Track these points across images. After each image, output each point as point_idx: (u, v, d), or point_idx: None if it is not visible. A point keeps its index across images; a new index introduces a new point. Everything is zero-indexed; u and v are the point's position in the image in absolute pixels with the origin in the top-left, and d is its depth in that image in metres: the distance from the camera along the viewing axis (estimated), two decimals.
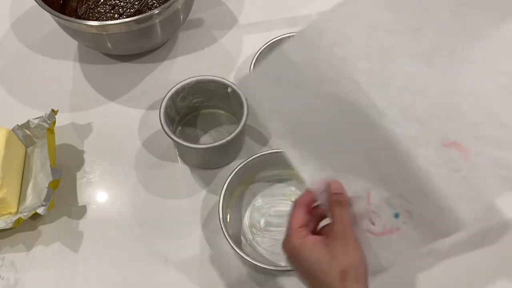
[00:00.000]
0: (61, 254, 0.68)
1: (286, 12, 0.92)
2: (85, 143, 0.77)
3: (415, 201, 0.46)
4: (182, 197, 0.72)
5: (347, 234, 0.47)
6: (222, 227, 0.62)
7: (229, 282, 0.65)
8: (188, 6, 0.83)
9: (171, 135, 0.67)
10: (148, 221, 0.70)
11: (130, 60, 0.87)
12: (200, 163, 0.74)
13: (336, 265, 0.45)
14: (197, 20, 0.92)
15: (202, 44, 0.89)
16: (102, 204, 0.72)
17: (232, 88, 0.71)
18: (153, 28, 0.77)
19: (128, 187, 0.73)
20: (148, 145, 0.77)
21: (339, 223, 0.47)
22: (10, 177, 0.68)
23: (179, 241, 0.68)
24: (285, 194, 0.71)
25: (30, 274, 0.66)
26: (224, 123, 0.78)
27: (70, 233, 0.69)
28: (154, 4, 0.84)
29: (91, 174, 0.74)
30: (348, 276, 0.44)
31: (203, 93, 0.75)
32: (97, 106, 0.82)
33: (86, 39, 0.79)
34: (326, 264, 0.45)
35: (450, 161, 0.44)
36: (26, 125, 0.74)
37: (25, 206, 0.70)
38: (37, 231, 0.69)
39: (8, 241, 0.69)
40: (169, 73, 0.85)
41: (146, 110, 0.81)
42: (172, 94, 0.70)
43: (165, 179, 0.74)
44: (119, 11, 0.84)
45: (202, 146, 0.70)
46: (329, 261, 0.45)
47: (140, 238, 0.69)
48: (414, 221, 0.46)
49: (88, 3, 0.85)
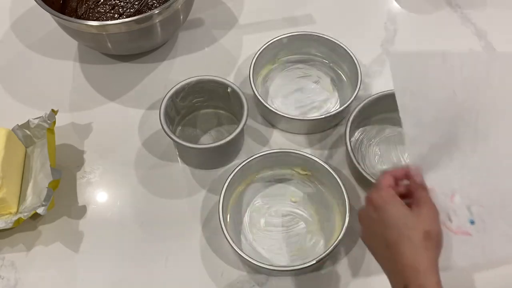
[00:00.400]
0: (61, 254, 0.68)
1: (286, 12, 0.92)
2: (85, 143, 0.77)
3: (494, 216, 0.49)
4: (182, 197, 0.72)
5: (432, 205, 0.48)
6: (222, 227, 0.62)
7: (229, 282, 0.65)
8: (188, 6, 0.83)
9: (171, 135, 0.67)
10: (148, 221, 0.70)
11: (130, 60, 0.87)
12: (200, 163, 0.74)
13: (421, 225, 0.46)
14: (197, 20, 0.92)
15: (202, 44, 0.89)
16: (102, 204, 0.72)
17: (232, 88, 0.71)
18: (153, 28, 0.77)
19: (128, 187, 0.73)
20: (148, 145, 0.77)
21: (425, 197, 0.49)
22: (10, 177, 0.68)
23: (179, 241, 0.68)
24: (285, 194, 0.71)
25: (30, 274, 0.66)
26: (224, 123, 0.78)
27: (70, 233, 0.69)
28: (154, 4, 0.84)
29: (91, 174, 0.74)
30: (431, 238, 0.46)
31: (203, 93, 0.75)
32: (97, 106, 0.82)
33: (86, 39, 0.79)
34: (412, 221, 0.46)
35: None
36: (26, 125, 0.74)
37: (25, 206, 0.70)
38: (37, 231, 0.69)
39: (8, 241, 0.69)
40: (169, 73, 0.85)
41: (146, 110, 0.81)
42: (172, 94, 0.70)
43: (165, 179, 0.74)
44: (119, 11, 0.84)
45: (202, 146, 0.70)
46: (415, 220, 0.47)
47: (140, 238, 0.69)
48: (486, 234, 0.49)
49: (88, 3, 0.85)
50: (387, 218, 0.48)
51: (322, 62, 0.83)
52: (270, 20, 0.91)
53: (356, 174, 0.72)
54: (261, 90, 0.80)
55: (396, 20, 0.91)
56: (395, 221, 0.47)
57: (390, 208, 0.48)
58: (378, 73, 0.84)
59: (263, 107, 0.74)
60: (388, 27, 0.90)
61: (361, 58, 0.80)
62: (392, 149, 0.75)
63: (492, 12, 0.92)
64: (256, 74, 0.79)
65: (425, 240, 0.46)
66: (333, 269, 0.65)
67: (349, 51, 0.77)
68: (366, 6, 0.94)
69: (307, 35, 0.80)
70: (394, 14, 0.92)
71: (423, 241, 0.45)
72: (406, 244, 0.46)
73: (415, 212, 0.48)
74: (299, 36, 0.80)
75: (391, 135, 0.76)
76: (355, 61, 0.76)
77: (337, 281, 0.65)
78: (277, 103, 0.79)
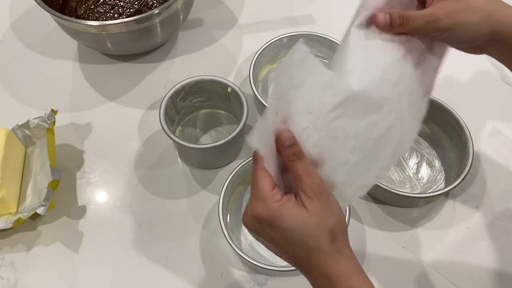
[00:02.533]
0: (61, 254, 0.68)
1: (286, 12, 0.92)
2: (85, 143, 0.77)
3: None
4: (182, 197, 0.72)
5: (321, 189, 0.42)
6: (222, 227, 0.62)
7: (229, 282, 0.65)
8: (188, 6, 0.83)
9: (171, 135, 0.67)
10: (148, 221, 0.70)
11: (130, 60, 0.87)
12: (200, 163, 0.74)
13: (324, 227, 0.41)
14: (197, 20, 0.92)
15: (202, 44, 0.89)
16: (102, 204, 0.72)
17: (232, 88, 0.71)
18: (153, 28, 0.77)
19: (128, 187, 0.73)
20: (148, 145, 0.77)
21: (307, 179, 0.42)
22: (10, 177, 0.68)
23: (179, 241, 0.68)
24: None
25: (30, 274, 0.66)
26: (224, 123, 0.78)
27: (70, 233, 0.69)
28: (154, 4, 0.84)
29: (91, 174, 0.74)
30: (336, 235, 0.42)
31: (203, 93, 0.75)
32: (97, 106, 0.82)
33: (86, 39, 0.79)
34: (314, 228, 0.41)
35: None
36: (26, 125, 0.74)
37: (25, 206, 0.70)
38: (37, 231, 0.69)
39: (8, 241, 0.69)
40: (169, 73, 0.85)
41: (146, 110, 0.81)
42: (172, 94, 0.70)
43: (165, 179, 0.74)
44: (119, 11, 0.84)
45: (202, 146, 0.70)
46: (316, 224, 0.41)
47: (140, 238, 0.69)
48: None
49: (88, 3, 0.85)
50: (287, 235, 0.42)
51: (322, 62, 0.83)
52: (270, 20, 0.91)
53: None
54: (261, 90, 0.80)
55: None
56: (296, 235, 0.41)
57: (285, 222, 0.41)
58: None
59: (263, 107, 0.74)
60: None
61: None
62: None
63: None
64: (256, 74, 0.79)
65: (333, 242, 0.41)
66: None
67: None
68: None
69: (307, 35, 0.80)
70: None
71: (332, 245, 0.41)
72: (317, 257, 0.41)
73: (310, 210, 0.41)
74: (299, 36, 0.80)
75: None
76: None
77: None
78: None
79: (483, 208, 0.70)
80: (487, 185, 0.71)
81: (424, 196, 0.68)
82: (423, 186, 0.71)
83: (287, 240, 0.42)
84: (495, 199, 0.70)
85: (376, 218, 0.69)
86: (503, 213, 0.69)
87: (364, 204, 0.70)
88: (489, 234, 0.67)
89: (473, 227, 0.68)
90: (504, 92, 0.82)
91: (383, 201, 0.70)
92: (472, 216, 0.69)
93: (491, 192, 0.71)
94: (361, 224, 0.69)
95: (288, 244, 0.42)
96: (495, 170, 0.73)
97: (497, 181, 0.72)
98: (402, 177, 0.72)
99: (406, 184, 0.71)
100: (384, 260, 0.66)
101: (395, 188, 0.66)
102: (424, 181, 0.71)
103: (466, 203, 0.70)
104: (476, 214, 0.69)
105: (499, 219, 0.69)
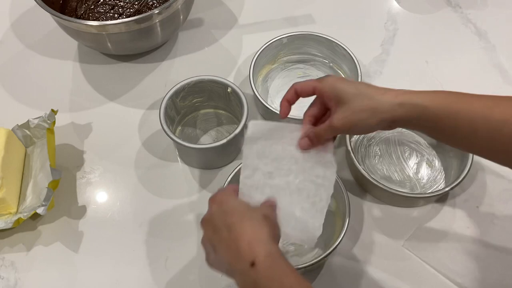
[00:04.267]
0: (61, 254, 0.68)
1: (286, 12, 0.92)
2: (85, 143, 0.77)
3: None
4: (182, 197, 0.72)
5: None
6: None
7: (229, 282, 0.65)
8: (188, 6, 0.83)
9: (171, 135, 0.67)
10: (148, 221, 0.70)
11: (130, 60, 0.87)
12: (200, 163, 0.74)
13: (260, 210, 0.50)
14: (197, 20, 0.92)
15: (202, 44, 0.89)
16: (102, 204, 0.72)
17: (232, 88, 0.71)
18: (153, 28, 0.77)
19: (128, 187, 0.73)
20: (148, 145, 0.77)
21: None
22: (10, 177, 0.68)
23: (179, 241, 0.68)
24: None
25: (30, 274, 0.66)
26: (224, 123, 0.78)
27: (70, 233, 0.69)
28: (154, 4, 0.84)
29: (91, 174, 0.74)
30: (269, 220, 0.50)
31: (203, 93, 0.75)
32: (97, 106, 0.82)
33: (86, 39, 0.79)
34: (252, 207, 0.51)
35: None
36: (26, 125, 0.74)
37: (25, 206, 0.70)
38: (37, 231, 0.69)
39: (8, 241, 0.69)
40: (169, 73, 0.85)
41: (146, 110, 0.81)
42: (172, 94, 0.70)
43: (165, 179, 0.74)
44: (119, 11, 0.84)
45: (202, 146, 0.70)
46: (254, 208, 0.51)
47: (140, 238, 0.69)
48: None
49: (88, 3, 0.85)
50: (228, 207, 0.50)
51: (322, 62, 0.83)
52: (270, 20, 0.91)
53: (356, 174, 0.72)
54: (261, 90, 0.80)
55: (396, 20, 0.91)
56: (236, 207, 0.49)
57: (232, 200, 0.51)
58: (378, 73, 0.84)
59: (263, 107, 0.74)
60: (388, 27, 0.90)
61: (361, 58, 0.80)
62: (392, 149, 0.75)
63: (492, 12, 0.92)
64: (256, 74, 0.79)
65: (264, 220, 0.48)
66: (333, 269, 0.65)
67: (349, 51, 0.77)
68: (366, 6, 0.94)
69: (307, 35, 0.80)
70: (394, 14, 0.92)
71: (263, 220, 0.48)
72: (247, 222, 0.47)
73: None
74: (299, 36, 0.80)
75: (391, 135, 0.76)
76: (355, 61, 0.76)
77: (337, 281, 0.65)
78: (277, 103, 0.79)
79: (483, 208, 0.70)
80: (487, 185, 0.72)
81: (424, 196, 0.68)
82: (423, 186, 0.71)
83: (226, 212, 0.49)
84: (495, 199, 0.70)
85: (376, 218, 0.69)
86: (503, 212, 0.69)
87: (364, 204, 0.70)
88: (489, 233, 0.68)
89: (473, 227, 0.68)
90: (504, 92, 0.81)
91: (383, 201, 0.71)
92: (472, 216, 0.69)
93: (491, 191, 0.71)
94: (361, 224, 0.69)
95: (225, 215, 0.49)
96: (495, 170, 0.73)
97: (497, 181, 0.72)
98: (402, 177, 0.72)
99: (406, 184, 0.71)
100: (384, 260, 0.66)
101: (395, 188, 0.66)
102: (424, 181, 0.72)
103: (466, 203, 0.70)
104: (476, 214, 0.69)
105: (499, 218, 0.69)
